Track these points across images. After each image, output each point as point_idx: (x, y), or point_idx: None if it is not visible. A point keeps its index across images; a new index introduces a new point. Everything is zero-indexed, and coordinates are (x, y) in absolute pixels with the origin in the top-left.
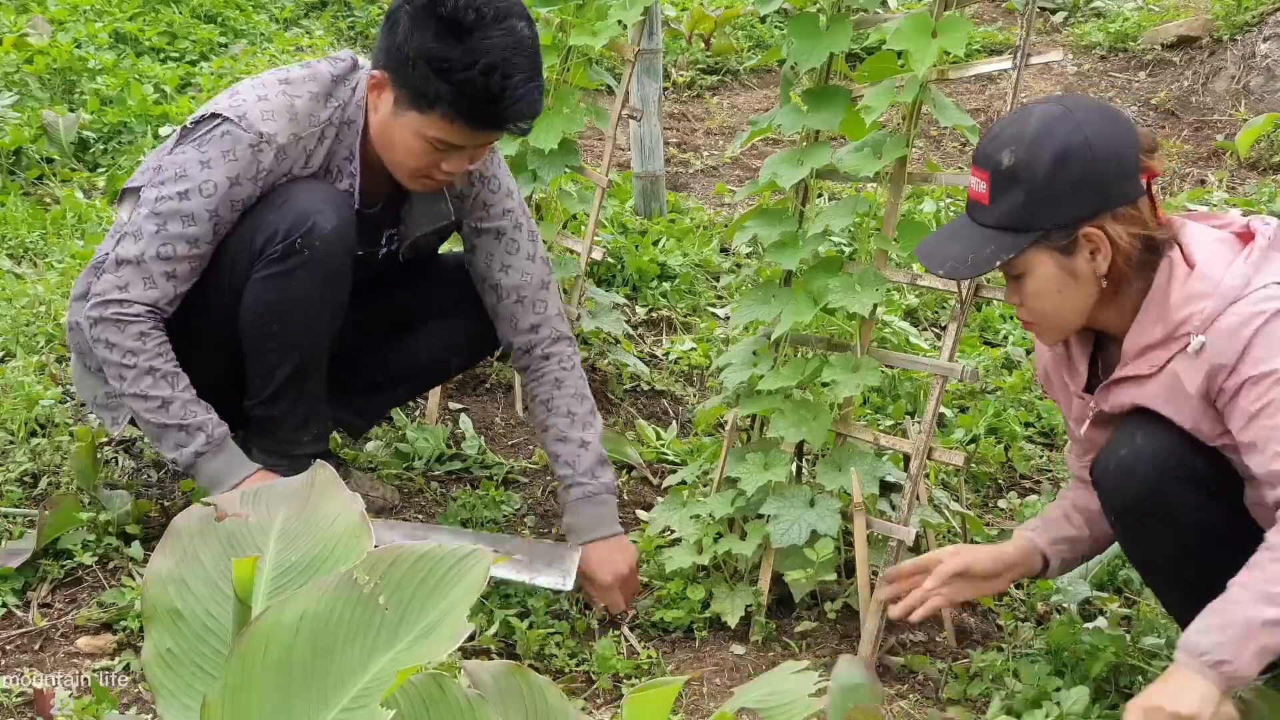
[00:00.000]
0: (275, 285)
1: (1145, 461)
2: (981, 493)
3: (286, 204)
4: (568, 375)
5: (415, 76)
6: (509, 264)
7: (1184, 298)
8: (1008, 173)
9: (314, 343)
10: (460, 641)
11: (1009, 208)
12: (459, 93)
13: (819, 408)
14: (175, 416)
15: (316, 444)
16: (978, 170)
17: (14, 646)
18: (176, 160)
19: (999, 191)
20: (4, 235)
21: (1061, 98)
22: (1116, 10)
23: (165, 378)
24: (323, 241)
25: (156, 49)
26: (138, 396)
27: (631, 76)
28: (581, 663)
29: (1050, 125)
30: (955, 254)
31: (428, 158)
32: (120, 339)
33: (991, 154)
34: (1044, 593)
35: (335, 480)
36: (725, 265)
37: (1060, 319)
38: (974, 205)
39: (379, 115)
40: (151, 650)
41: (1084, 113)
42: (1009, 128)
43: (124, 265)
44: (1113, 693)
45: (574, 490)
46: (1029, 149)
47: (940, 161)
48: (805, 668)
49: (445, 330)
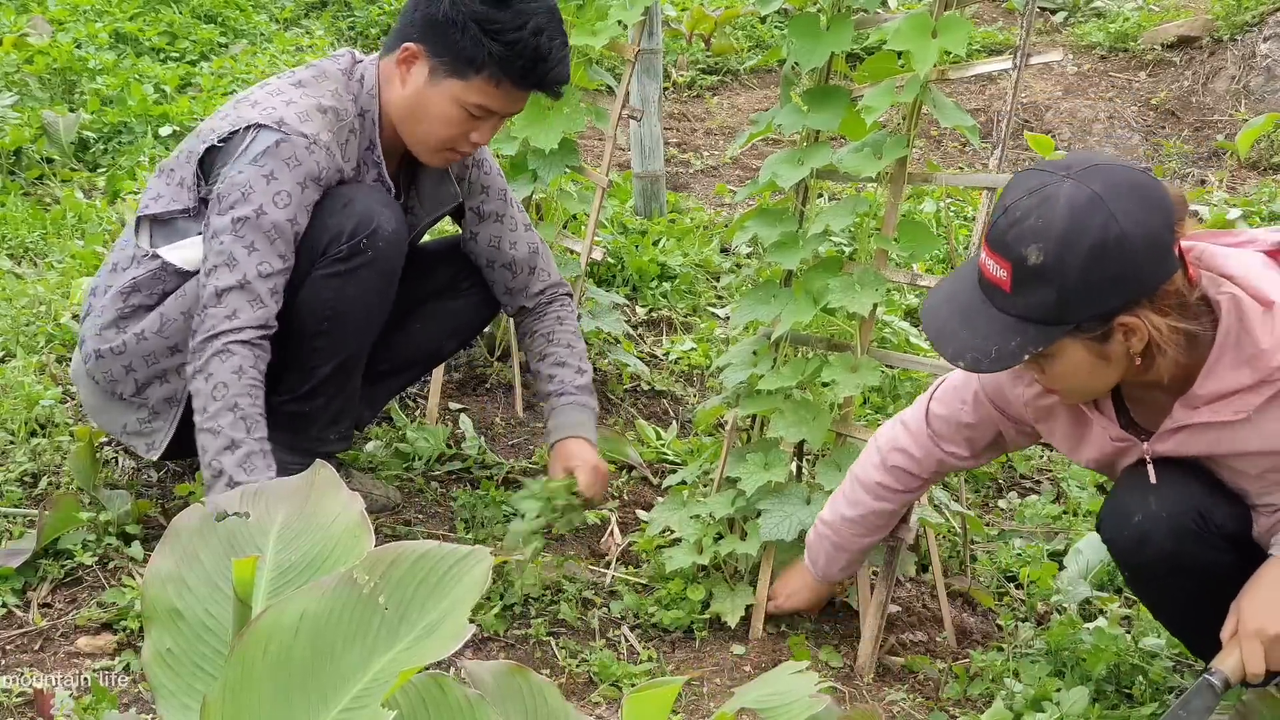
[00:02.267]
0: (336, 284)
1: (1162, 528)
2: (981, 493)
3: (349, 206)
4: (569, 317)
5: (465, 41)
6: (515, 240)
7: (1277, 341)
8: (1034, 270)
9: (361, 341)
10: (462, 642)
11: (1036, 302)
12: (511, 52)
13: (819, 408)
14: (236, 464)
15: (342, 442)
16: (996, 256)
17: (14, 646)
18: (237, 182)
19: (1024, 286)
20: (4, 235)
21: (1088, 173)
22: (1116, 10)
23: (244, 419)
24: (385, 243)
25: (157, 49)
26: (211, 432)
27: (631, 76)
28: (582, 663)
29: (1081, 218)
30: (975, 345)
31: (460, 126)
32: (218, 370)
33: (1014, 245)
34: (1044, 593)
35: (335, 480)
36: (725, 265)
37: (1088, 392)
38: (992, 288)
39: (407, 89)
40: (151, 650)
41: (1115, 198)
42: (1033, 217)
43: (226, 294)
44: (1113, 693)
45: (564, 398)
46: (1059, 247)
47: (940, 161)
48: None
49: (440, 313)
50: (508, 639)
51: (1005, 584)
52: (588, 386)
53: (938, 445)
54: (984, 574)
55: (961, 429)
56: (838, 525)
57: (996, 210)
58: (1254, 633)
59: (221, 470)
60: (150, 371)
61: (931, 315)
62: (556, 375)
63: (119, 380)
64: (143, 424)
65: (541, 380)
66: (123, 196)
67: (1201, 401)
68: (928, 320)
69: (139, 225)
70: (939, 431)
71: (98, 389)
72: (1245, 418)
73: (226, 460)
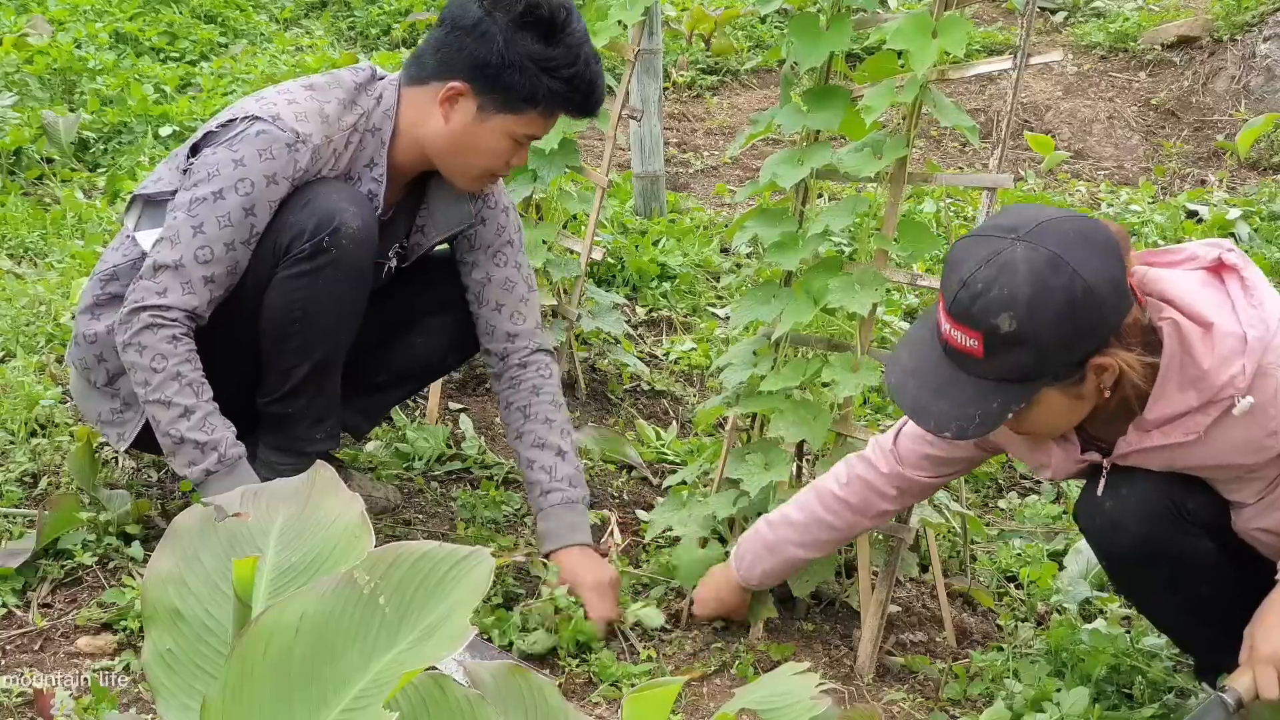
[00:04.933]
0: (302, 284)
1: (1134, 513)
2: (981, 493)
3: (311, 203)
4: (545, 384)
5: (523, 80)
6: (491, 275)
7: (1219, 361)
8: (1007, 337)
9: (335, 341)
10: (464, 644)
11: (1013, 364)
12: (569, 87)
13: (819, 408)
14: (194, 428)
15: (328, 441)
16: (964, 328)
17: (14, 646)
18: (209, 161)
19: (998, 352)
20: (4, 235)
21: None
22: (1116, 10)
23: (190, 385)
24: (349, 240)
25: (156, 49)
26: (160, 403)
27: (631, 76)
28: (582, 663)
29: (1045, 280)
30: (956, 414)
31: (507, 155)
32: (152, 342)
33: (981, 317)
34: (1044, 593)
35: (335, 480)
36: (725, 265)
37: (1060, 430)
38: (962, 357)
39: (453, 125)
40: (151, 650)
41: (1071, 252)
42: (996, 288)
43: (161, 271)
44: (1113, 693)
45: (551, 495)
46: (1028, 313)
47: (940, 161)
48: (806, 668)
49: (441, 326)
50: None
51: (1005, 584)
52: (573, 474)
53: (901, 465)
54: (984, 574)
55: (928, 458)
56: (777, 525)
57: (951, 283)
58: (1268, 657)
59: (182, 437)
60: (119, 362)
61: (900, 392)
62: (537, 462)
63: (91, 369)
64: (115, 414)
65: (522, 465)
66: (123, 196)
67: (1152, 425)
68: (899, 397)
69: (132, 204)
70: (904, 457)
71: (77, 375)
72: (1197, 437)
73: (183, 426)
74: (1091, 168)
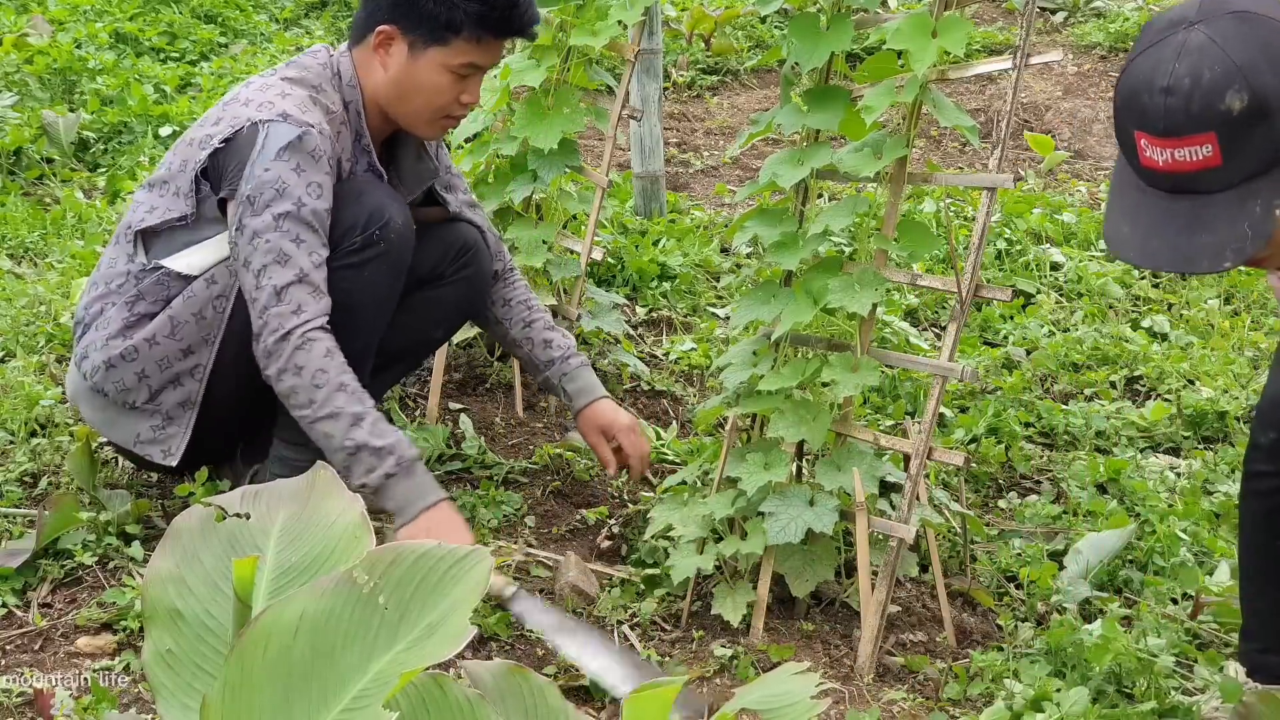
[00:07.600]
0: (350, 275)
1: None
2: (981, 493)
3: (361, 198)
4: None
5: (439, 8)
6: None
7: None
8: (1245, 114)
9: (372, 333)
10: (463, 644)
11: (1257, 146)
12: (486, 6)
13: (819, 408)
14: (369, 434)
15: None
16: (1189, 139)
17: (14, 646)
18: (267, 180)
19: (1238, 141)
20: (4, 235)
21: (1202, 9)
22: (1116, 10)
23: (356, 393)
24: (396, 235)
25: (156, 49)
26: (330, 416)
27: (631, 76)
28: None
29: (1244, 39)
30: (1218, 241)
31: (451, 91)
32: (308, 361)
33: (1205, 110)
34: (1044, 593)
35: (335, 480)
36: (725, 265)
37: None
38: (1195, 179)
39: (390, 71)
40: (151, 650)
41: (1248, 6)
42: (1204, 71)
43: (286, 290)
44: (1113, 692)
45: (573, 360)
46: (1254, 76)
47: (940, 161)
48: (806, 668)
49: (424, 303)
50: (507, 640)
51: (1005, 584)
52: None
53: None
54: (984, 574)
55: None
56: None
57: (1151, 106)
58: None
59: (358, 445)
60: (164, 377)
61: (1155, 258)
62: (553, 340)
63: (131, 389)
64: (157, 431)
65: (537, 347)
66: (123, 196)
67: None
68: (1153, 262)
69: (135, 241)
70: None
71: (106, 402)
72: None
73: (360, 434)
74: (1091, 168)
